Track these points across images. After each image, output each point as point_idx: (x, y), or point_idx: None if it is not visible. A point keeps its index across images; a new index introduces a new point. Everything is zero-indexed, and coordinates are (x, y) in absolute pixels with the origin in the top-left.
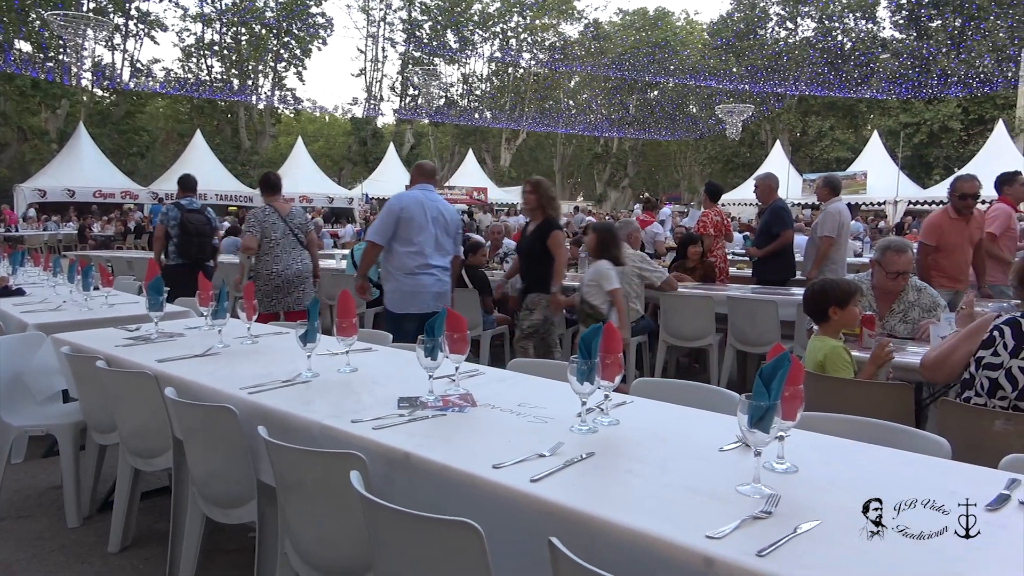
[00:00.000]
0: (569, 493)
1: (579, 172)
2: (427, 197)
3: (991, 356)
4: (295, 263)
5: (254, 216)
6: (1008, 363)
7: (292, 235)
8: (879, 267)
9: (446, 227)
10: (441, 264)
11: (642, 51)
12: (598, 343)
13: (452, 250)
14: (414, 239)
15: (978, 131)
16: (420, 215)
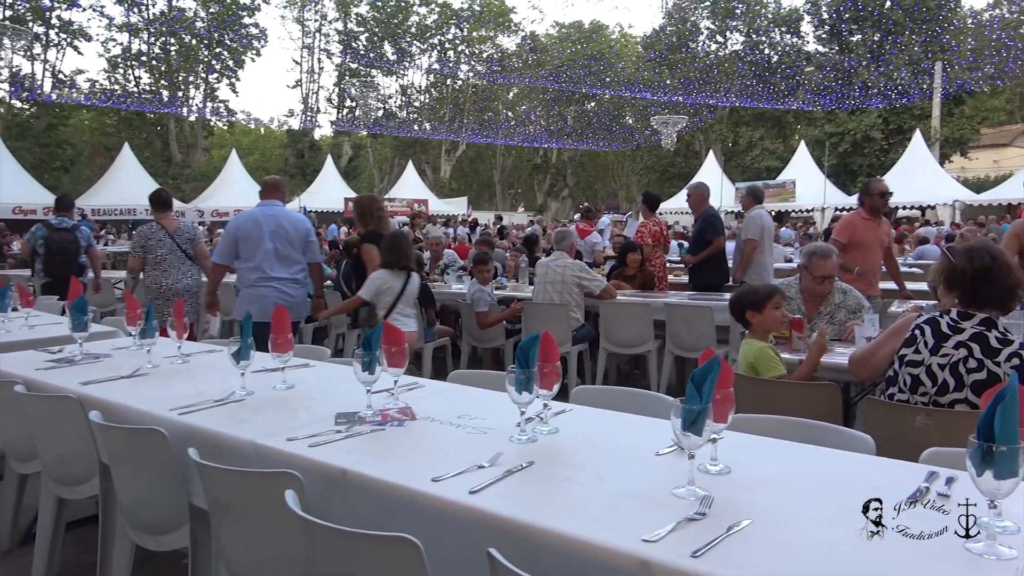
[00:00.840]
0: (508, 503)
1: (519, 183)
2: (265, 213)
3: (913, 354)
4: (184, 277)
5: (139, 235)
6: (928, 360)
7: (179, 250)
8: (806, 272)
9: (288, 239)
10: (284, 276)
11: (578, 63)
12: (535, 353)
13: (301, 259)
14: (252, 255)
15: (897, 140)
16: (256, 232)
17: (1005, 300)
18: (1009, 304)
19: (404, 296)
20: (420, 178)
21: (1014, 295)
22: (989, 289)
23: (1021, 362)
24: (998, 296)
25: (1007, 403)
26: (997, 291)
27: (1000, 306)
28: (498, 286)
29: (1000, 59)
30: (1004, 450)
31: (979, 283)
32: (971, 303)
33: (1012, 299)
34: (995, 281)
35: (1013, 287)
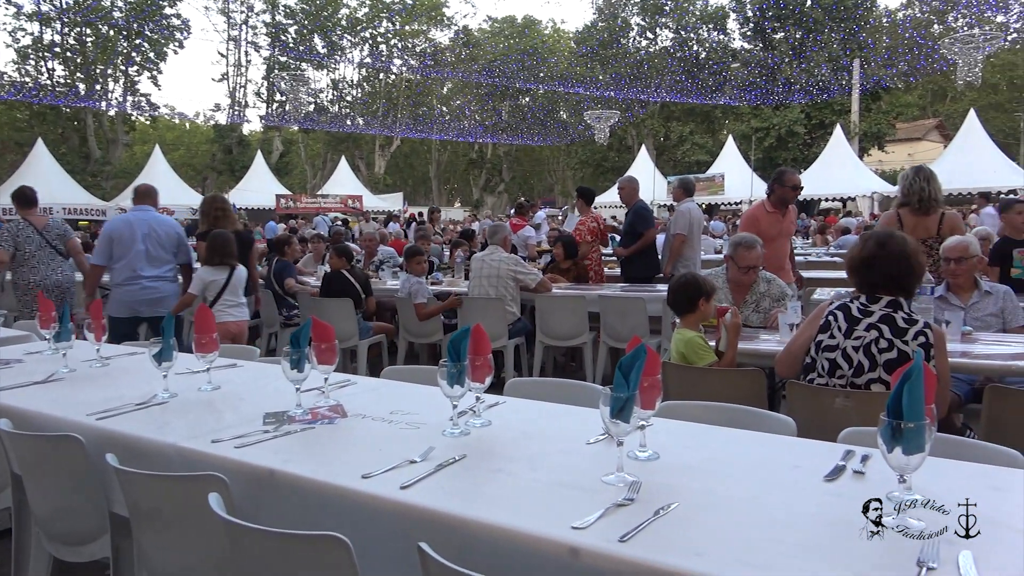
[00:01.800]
0: (439, 497)
1: (455, 178)
2: (138, 217)
3: (828, 339)
4: (54, 273)
5: (7, 230)
6: (843, 344)
7: (49, 247)
8: (732, 262)
9: (160, 241)
10: (154, 274)
11: (512, 58)
12: (467, 346)
13: (171, 259)
14: (124, 256)
15: (819, 135)
16: (128, 234)
17: (898, 284)
18: (906, 287)
19: (229, 288)
20: (354, 174)
21: (906, 280)
22: (874, 276)
23: (927, 340)
24: (882, 283)
25: (913, 382)
26: (880, 278)
27: (898, 290)
28: (433, 281)
29: (913, 57)
30: (912, 427)
31: (865, 270)
32: (862, 287)
33: (905, 283)
34: (877, 268)
35: (901, 273)
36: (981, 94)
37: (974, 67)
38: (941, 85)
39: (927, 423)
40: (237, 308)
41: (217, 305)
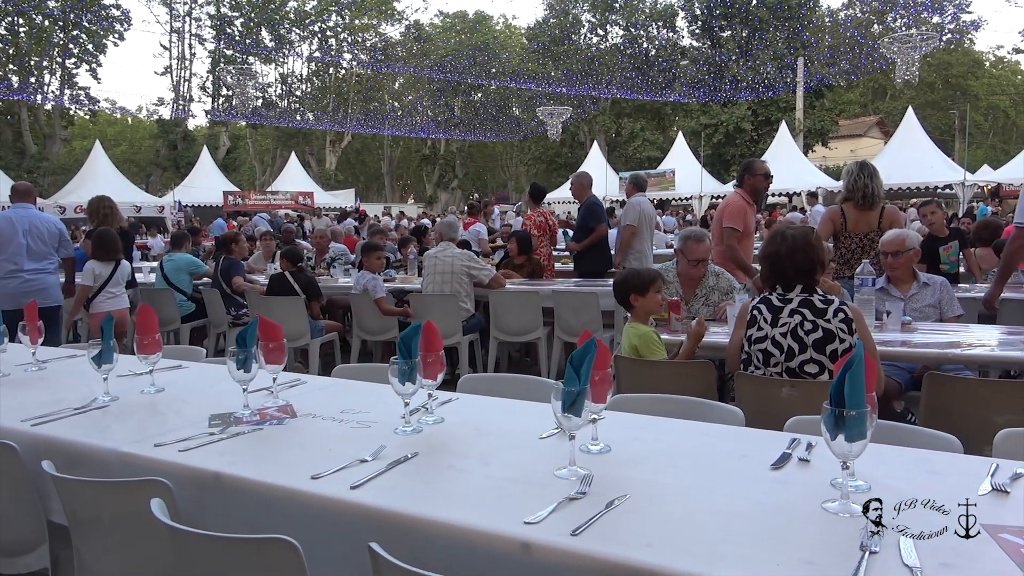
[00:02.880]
0: (391, 496)
1: (408, 174)
2: (19, 215)
3: (756, 332)
4: None
5: None
6: (771, 333)
7: None
8: (682, 255)
9: (41, 237)
10: (34, 267)
11: (464, 54)
12: (418, 342)
13: (52, 254)
14: (5, 250)
15: (766, 131)
16: (9, 230)
17: (803, 275)
18: (810, 276)
19: (112, 280)
20: (304, 170)
21: (807, 269)
22: (780, 270)
23: (846, 315)
24: (791, 275)
25: (854, 371)
26: (790, 271)
27: (804, 279)
28: (387, 278)
29: (854, 56)
30: (854, 414)
31: (770, 266)
32: (773, 282)
33: (808, 273)
34: (781, 263)
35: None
36: (919, 92)
37: (911, 66)
38: (881, 83)
39: (868, 411)
40: (117, 299)
41: (100, 295)
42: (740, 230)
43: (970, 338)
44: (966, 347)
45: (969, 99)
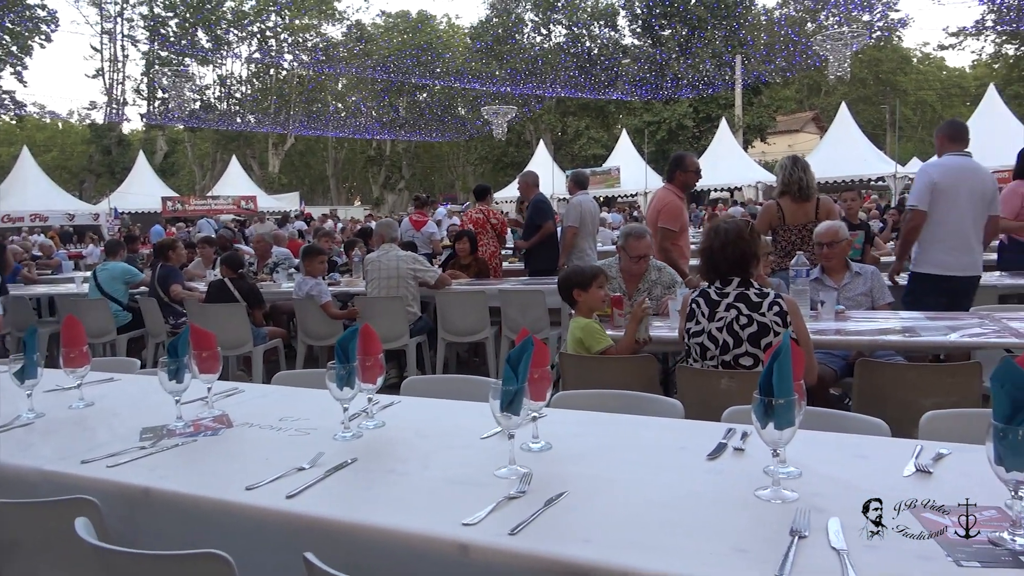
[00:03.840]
0: (328, 504)
1: (354, 176)
2: None
3: (695, 325)
4: None
5: None
6: (708, 327)
7: None
8: (623, 252)
9: None
10: None
11: (407, 53)
12: (355, 346)
13: None
14: None
15: (707, 128)
16: None
17: (738, 268)
18: (745, 269)
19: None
20: (246, 173)
21: (742, 262)
22: (716, 263)
23: (781, 308)
24: (724, 268)
25: (781, 361)
26: (722, 265)
27: (740, 272)
28: (331, 282)
29: (789, 53)
30: (782, 403)
31: (708, 259)
32: (711, 275)
33: (743, 265)
34: (716, 256)
35: (736, 258)
36: (851, 88)
37: (843, 63)
38: (815, 80)
39: (796, 399)
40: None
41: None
42: (676, 230)
43: (899, 324)
44: (896, 333)
45: (898, 94)
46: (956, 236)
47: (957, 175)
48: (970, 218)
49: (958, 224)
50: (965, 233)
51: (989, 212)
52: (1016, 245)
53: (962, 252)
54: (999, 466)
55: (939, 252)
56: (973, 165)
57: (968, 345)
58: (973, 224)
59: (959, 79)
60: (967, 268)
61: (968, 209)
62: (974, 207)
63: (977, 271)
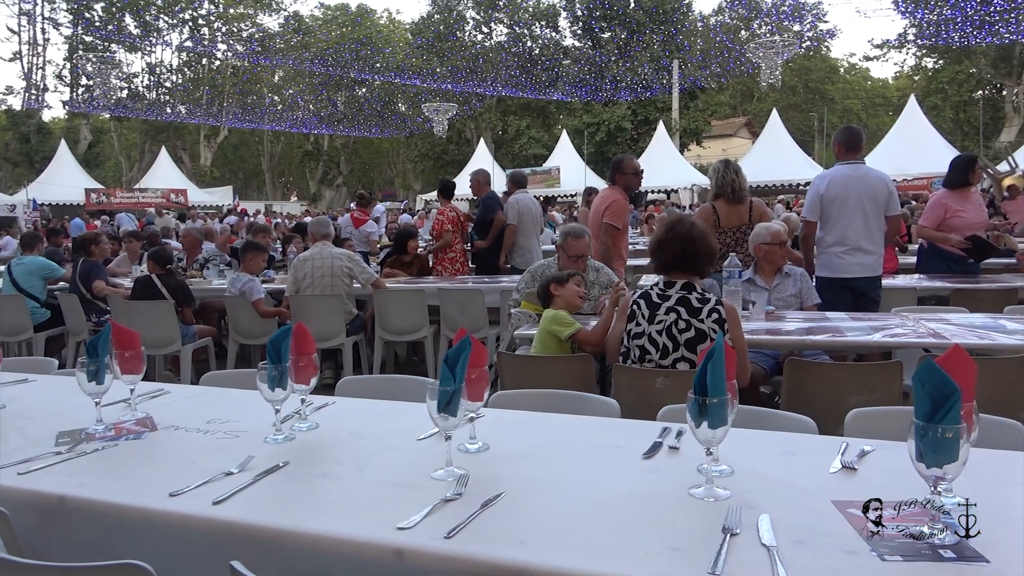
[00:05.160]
0: (257, 510)
1: (290, 170)
2: None
3: (635, 327)
4: None
5: None
6: (648, 329)
7: None
8: (562, 251)
9: None
10: None
11: (346, 47)
12: (288, 346)
13: None
14: None
15: (645, 131)
16: None
17: (688, 265)
18: (695, 267)
19: None
20: (176, 166)
21: (692, 259)
22: (665, 257)
23: (720, 316)
24: (672, 263)
25: (715, 361)
26: (670, 259)
27: (689, 270)
28: (265, 279)
29: (723, 59)
30: (715, 402)
31: (659, 251)
32: (658, 269)
33: (692, 263)
34: (667, 249)
35: (687, 254)
36: (782, 95)
37: (775, 70)
38: (748, 86)
39: (728, 398)
40: None
41: None
42: (619, 228)
43: (825, 325)
44: (822, 333)
45: (826, 102)
46: (849, 240)
47: (845, 184)
48: (861, 223)
49: (849, 229)
50: (857, 237)
51: (886, 214)
52: (936, 251)
53: (856, 255)
54: (920, 463)
55: (835, 256)
56: (863, 172)
57: (890, 345)
58: (865, 228)
59: (883, 89)
60: (865, 270)
61: (858, 214)
62: (864, 212)
63: (875, 272)
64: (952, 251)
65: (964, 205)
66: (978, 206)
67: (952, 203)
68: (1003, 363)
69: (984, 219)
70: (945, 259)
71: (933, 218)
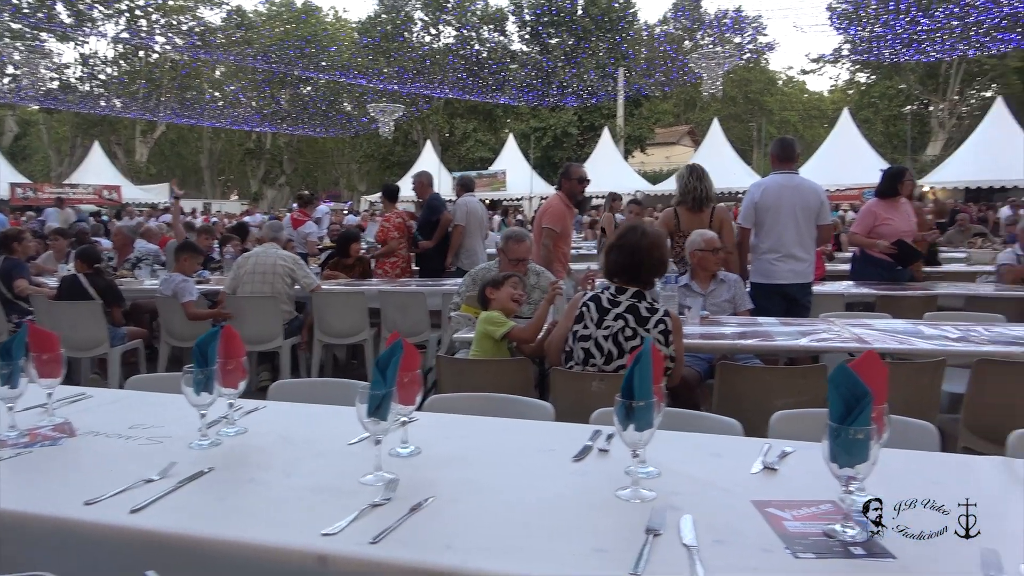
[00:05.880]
0: (177, 518)
1: (231, 169)
2: None
3: (582, 329)
4: None
5: None
6: (595, 333)
7: None
8: (503, 255)
9: None
10: None
11: (290, 44)
12: (215, 349)
13: None
14: None
15: (590, 137)
16: None
17: (631, 274)
18: (637, 277)
19: None
20: (110, 161)
21: (636, 270)
22: (611, 264)
23: (666, 327)
24: (618, 271)
25: (641, 365)
26: (617, 267)
27: (634, 280)
28: (199, 279)
29: (667, 69)
30: (642, 405)
31: (610, 257)
32: (609, 275)
33: (635, 273)
34: (614, 257)
35: (634, 264)
36: (723, 105)
37: (716, 81)
38: (691, 95)
39: (655, 401)
40: None
41: None
42: (558, 231)
43: (756, 329)
44: (753, 338)
45: (765, 113)
46: (782, 248)
47: (779, 193)
48: (793, 231)
49: (782, 237)
50: (789, 245)
51: (817, 223)
52: (867, 258)
53: (788, 262)
54: (833, 463)
55: (768, 263)
56: (796, 182)
57: (816, 349)
58: (797, 236)
59: (818, 102)
60: (797, 276)
61: (790, 223)
62: (797, 220)
63: (807, 278)
64: (882, 257)
65: (892, 214)
66: (906, 215)
67: (882, 211)
68: (920, 367)
69: (912, 227)
70: (876, 266)
71: (864, 225)
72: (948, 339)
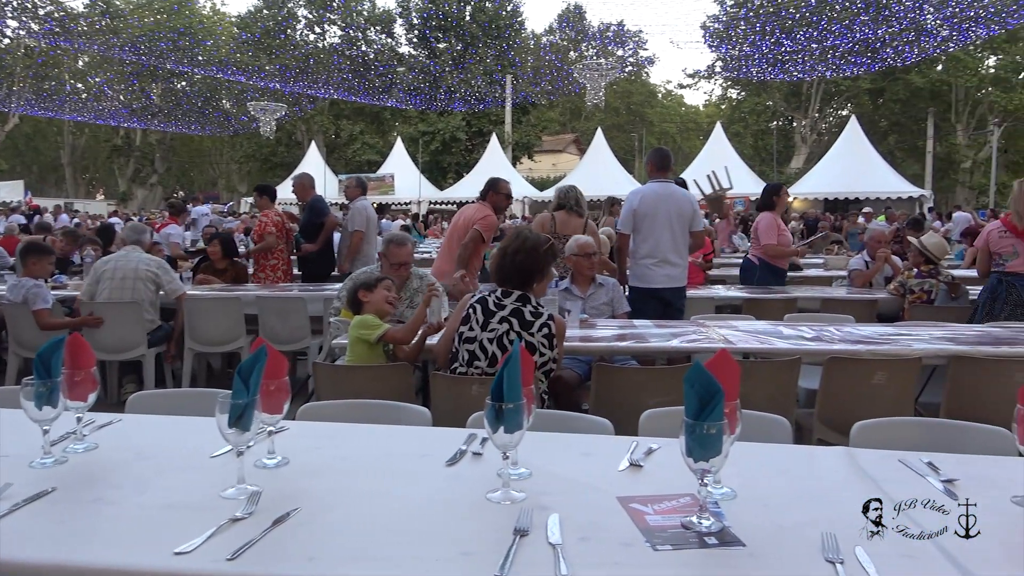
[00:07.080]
0: (11, 543)
1: (96, 166)
2: None
3: (468, 331)
4: None
5: None
6: (480, 336)
7: None
8: (385, 259)
9: None
10: None
11: (162, 35)
12: (60, 359)
13: None
14: None
15: (479, 142)
16: None
17: (513, 280)
18: (522, 283)
19: None
20: None
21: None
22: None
23: (550, 331)
24: (502, 277)
25: (511, 368)
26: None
27: (518, 285)
28: (55, 285)
29: (553, 78)
30: (511, 407)
31: (495, 259)
32: (496, 281)
33: (517, 280)
34: (496, 262)
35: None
36: (607, 115)
37: (599, 92)
38: (576, 105)
39: (524, 403)
40: None
41: None
42: (486, 240)
43: (632, 331)
44: (629, 339)
45: (646, 124)
46: (658, 253)
47: (655, 201)
48: (668, 237)
49: (659, 243)
50: (665, 250)
51: (690, 229)
52: (769, 267)
53: (664, 267)
54: (689, 457)
55: (644, 268)
56: (671, 190)
57: (687, 350)
58: (672, 242)
59: (695, 115)
60: (671, 280)
61: (666, 230)
62: (672, 227)
63: (680, 283)
64: (782, 266)
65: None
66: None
67: (778, 223)
68: (778, 365)
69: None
70: (775, 274)
71: (776, 237)
72: (804, 339)
